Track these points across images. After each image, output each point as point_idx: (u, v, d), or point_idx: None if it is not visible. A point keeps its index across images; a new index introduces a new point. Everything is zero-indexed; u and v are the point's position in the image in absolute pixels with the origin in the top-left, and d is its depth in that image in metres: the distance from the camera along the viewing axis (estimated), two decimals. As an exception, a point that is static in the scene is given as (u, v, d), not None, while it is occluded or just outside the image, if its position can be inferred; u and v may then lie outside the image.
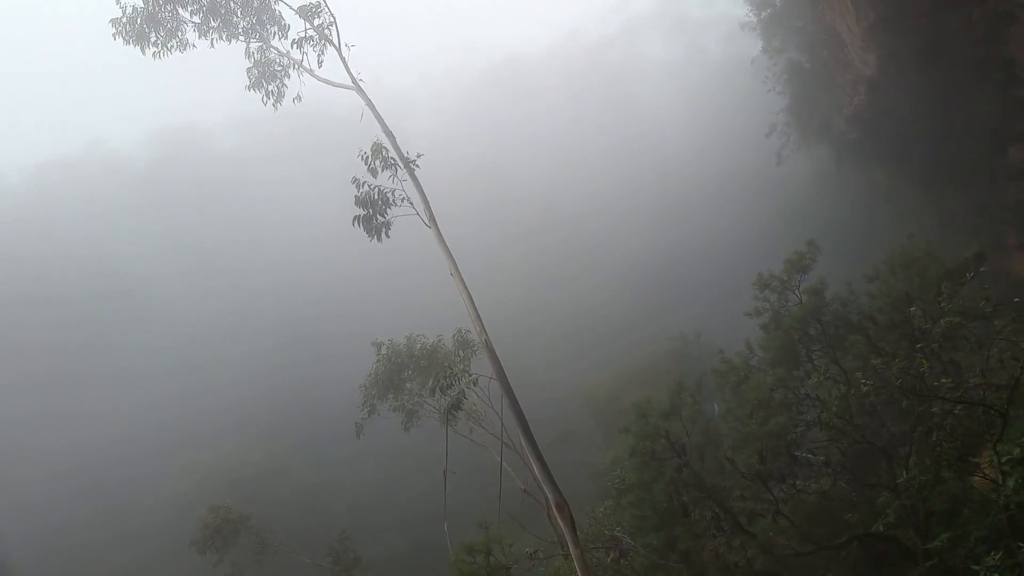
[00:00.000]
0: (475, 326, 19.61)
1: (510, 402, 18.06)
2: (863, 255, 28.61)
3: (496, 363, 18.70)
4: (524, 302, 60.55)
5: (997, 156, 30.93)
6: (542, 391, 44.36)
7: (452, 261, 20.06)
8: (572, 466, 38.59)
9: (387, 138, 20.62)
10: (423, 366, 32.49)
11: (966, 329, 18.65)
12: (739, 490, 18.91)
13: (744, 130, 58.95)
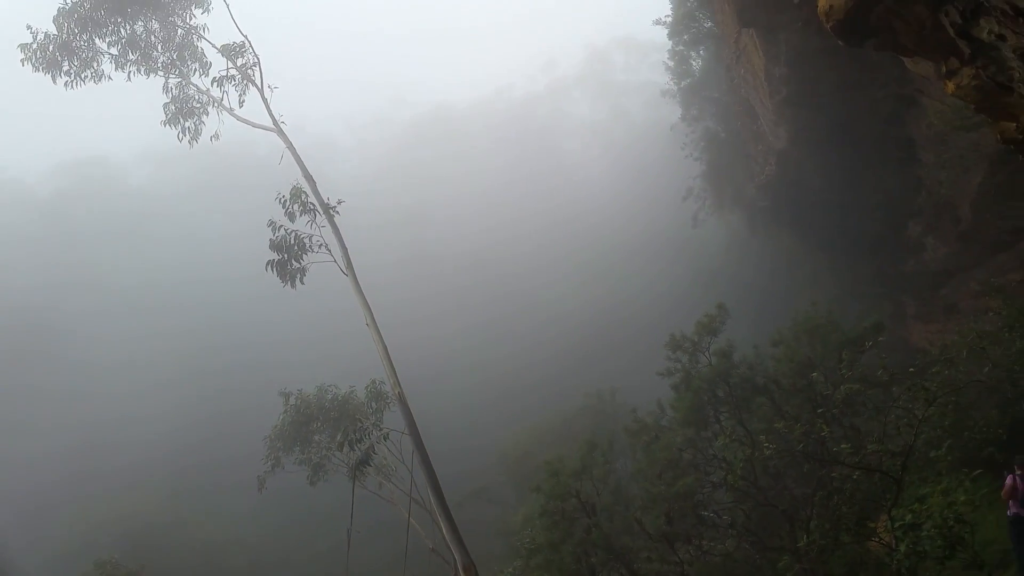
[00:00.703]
0: (389, 378, 19.40)
1: (421, 458, 17.80)
2: (771, 318, 29.60)
3: (409, 417, 18.47)
4: (442, 355, 60.19)
5: (897, 230, 32.51)
6: (456, 446, 43.89)
7: (368, 311, 19.88)
8: (483, 524, 38.05)
9: (307, 182, 20.51)
10: (333, 418, 31.80)
11: (865, 396, 19.34)
12: (646, 551, 18.94)
13: (663, 192, 60.71)
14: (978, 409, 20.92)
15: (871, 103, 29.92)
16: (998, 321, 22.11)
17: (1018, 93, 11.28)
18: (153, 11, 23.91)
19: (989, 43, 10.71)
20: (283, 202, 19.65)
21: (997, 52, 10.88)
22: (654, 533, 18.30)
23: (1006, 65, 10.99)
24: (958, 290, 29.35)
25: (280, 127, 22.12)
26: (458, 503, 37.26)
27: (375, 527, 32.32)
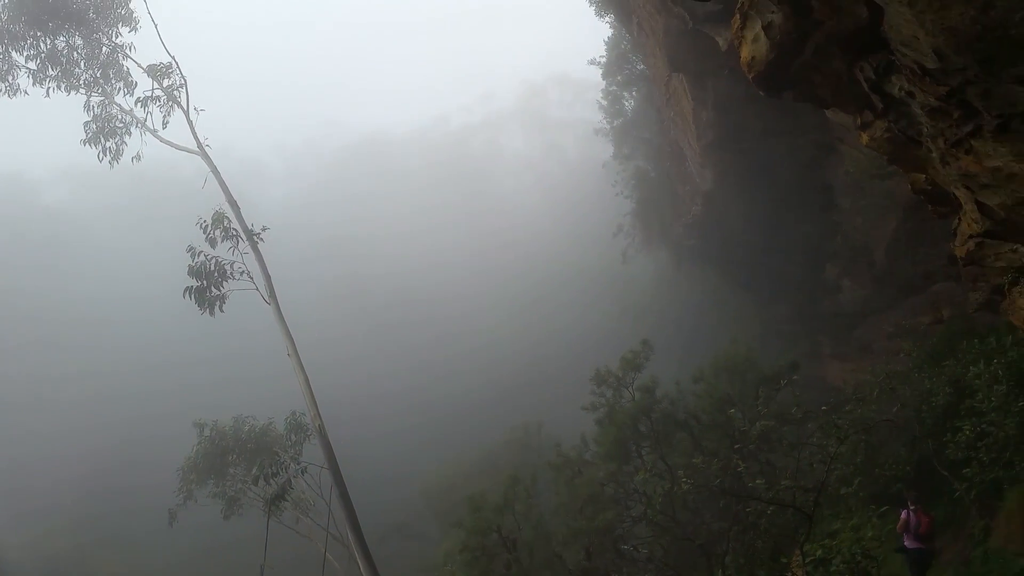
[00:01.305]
0: (309, 410, 18.96)
1: (340, 492, 17.43)
2: (697, 354, 30.19)
3: (328, 451, 18.09)
4: (367, 387, 59.37)
5: (816, 271, 33.67)
6: (379, 479, 43.19)
7: (290, 340, 19.47)
8: (405, 559, 37.44)
9: (231, 207, 20.09)
10: (250, 450, 30.90)
11: (780, 432, 19.82)
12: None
13: (594, 228, 61.70)
14: (888, 447, 21.64)
15: (793, 149, 31.10)
16: (908, 362, 23.01)
17: (926, 147, 11.88)
18: (76, 27, 23.17)
19: (900, 98, 11.28)
20: (204, 227, 19.18)
21: (907, 107, 11.46)
22: (574, 568, 18.29)
23: (915, 120, 11.58)
24: (872, 331, 30.46)
25: (205, 150, 21.63)
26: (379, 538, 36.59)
27: (291, 563, 31.34)
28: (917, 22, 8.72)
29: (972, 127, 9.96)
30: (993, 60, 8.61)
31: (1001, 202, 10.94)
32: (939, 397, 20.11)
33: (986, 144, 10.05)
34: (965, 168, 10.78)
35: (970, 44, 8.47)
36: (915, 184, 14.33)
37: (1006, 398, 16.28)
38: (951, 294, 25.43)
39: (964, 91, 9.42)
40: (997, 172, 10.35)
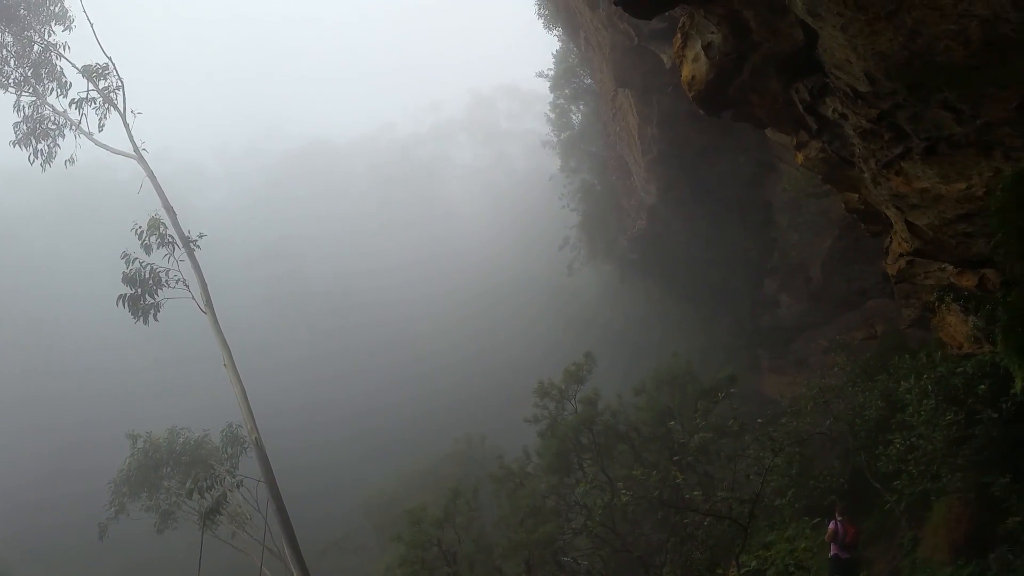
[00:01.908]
0: (246, 422, 18.59)
1: (277, 506, 17.13)
2: (640, 366, 30.49)
3: (265, 464, 17.77)
4: (308, 397, 58.45)
5: (755, 286, 34.33)
6: (319, 493, 42.54)
7: (227, 351, 19.08)
8: (345, 574, 36.86)
9: (167, 213, 19.63)
10: (185, 462, 30.11)
11: (718, 444, 20.10)
12: (506, 599, 18.88)
13: (541, 240, 61.96)
14: (822, 459, 22.12)
15: (735, 166, 31.71)
16: (842, 376, 23.56)
17: (859, 168, 12.23)
18: (6, 23, 22.34)
19: (833, 120, 11.59)
20: (140, 233, 18.70)
21: (840, 129, 11.78)
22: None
23: (848, 141, 11.90)
24: (808, 345, 31.14)
25: (141, 154, 21.06)
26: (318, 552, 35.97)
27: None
28: (849, 46, 8.99)
29: (902, 149, 10.29)
30: (921, 85, 8.92)
31: (929, 222, 11.32)
32: (871, 411, 20.62)
33: (915, 166, 10.39)
34: (895, 189, 11.13)
35: (899, 69, 8.76)
36: (848, 203, 14.75)
37: (934, 412, 16.75)
38: (885, 310, 26.17)
39: (894, 114, 9.74)
40: (925, 193, 10.72)
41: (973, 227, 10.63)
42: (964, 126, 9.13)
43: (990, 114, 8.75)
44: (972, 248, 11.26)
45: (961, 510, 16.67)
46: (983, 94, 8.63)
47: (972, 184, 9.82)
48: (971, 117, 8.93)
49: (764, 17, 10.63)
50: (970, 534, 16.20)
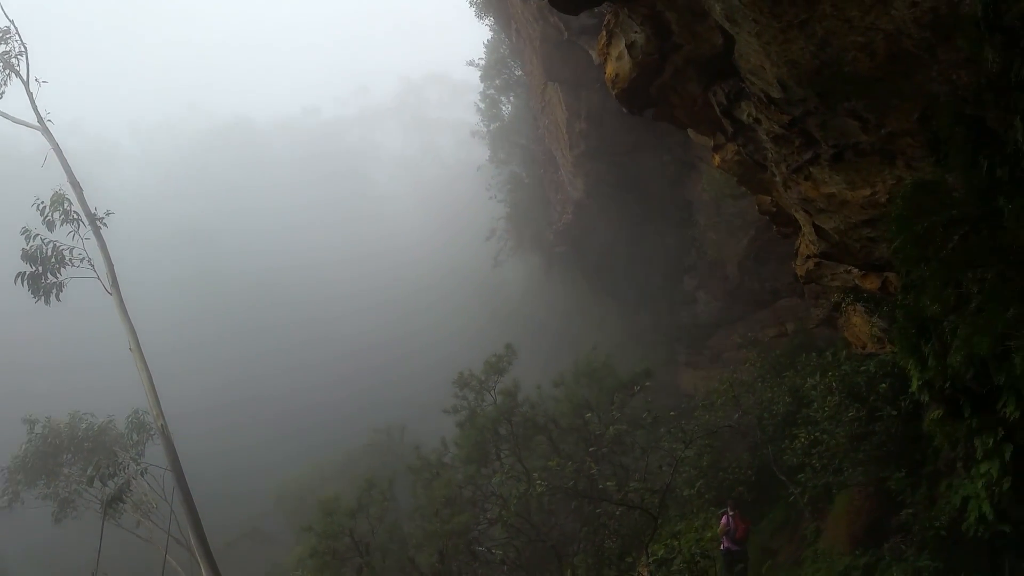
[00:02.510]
0: (152, 408, 17.97)
1: (183, 495, 16.65)
2: (560, 360, 30.81)
3: (172, 451, 17.25)
4: (222, 388, 56.93)
5: (675, 283, 35.08)
6: (231, 484, 41.58)
7: (133, 334, 18.36)
8: (257, 565, 36.24)
9: (73, 188, 18.75)
10: (87, 449, 28.95)
11: (633, 436, 20.50)
12: (418, 589, 18.87)
13: (468, 231, 61.72)
14: (732, 451, 22.80)
15: (659, 165, 32.30)
16: (753, 372, 24.36)
17: (771, 171, 12.61)
18: None
19: (748, 124, 11.92)
20: (42, 209, 17.85)
21: (754, 133, 12.13)
22: (426, 571, 18.24)
23: (761, 145, 12.26)
24: (723, 341, 32.03)
25: (46, 125, 19.94)
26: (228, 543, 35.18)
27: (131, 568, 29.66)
28: (764, 52, 9.25)
29: (811, 155, 10.67)
30: (830, 93, 9.25)
31: (835, 226, 11.76)
32: (779, 406, 21.39)
33: (823, 172, 10.78)
34: (804, 193, 11.52)
35: (810, 77, 9.07)
36: (762, 205, 15.22)
37: (838, 409, 17.48)
38: (795, 309, 27.14)
39: (805, 121, 10.08)
40: (832, 198, 11.13)
41: (876, 232, 11.10)
42: (870, 135, 9.52)
43: (894, 124, 9.14)
44: (875, 252, 11.75)
45: (860, 503, 17.44)
46: (887, 105, 9.01)
47: (876, 191, 10.26)
48: (876, 126, 9.31)
49: (685, 20, 10.86)
50: (868, 526, 16.97)
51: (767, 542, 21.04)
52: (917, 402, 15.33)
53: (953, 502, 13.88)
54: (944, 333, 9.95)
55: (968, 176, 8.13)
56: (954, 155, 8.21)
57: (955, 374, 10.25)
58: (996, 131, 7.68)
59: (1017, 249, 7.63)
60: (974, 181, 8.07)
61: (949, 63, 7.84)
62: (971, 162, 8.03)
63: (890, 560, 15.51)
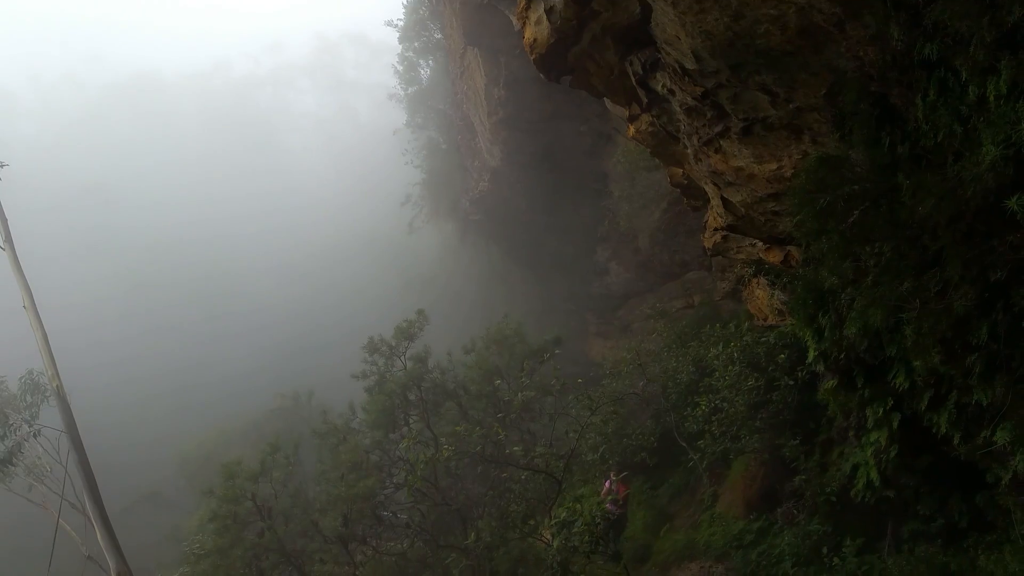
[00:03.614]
0: (47, 369, 17.11)
1: (79, 458, 15.96)
2: (473, 328, 30.80)
3: (67, 413, 16.48)
4: (122, 349, 54.84)
5: (588, 254, 35.49)
6: (130, 446, 40.29)
7: (28, 292, 17.40)
8: (157, 529, 35.24)
9: (-42, 138, 17.54)
10: (-23, 411, 27.58)
11: (542, 403, 20.73)
12: (321, 554, 18.68)
13: (383, 196, 60.86)
14: (636, 419, 23.35)
15: (577, 135, 32.47)
16: (660, 342, 24.95)
17: (683, 143, 12.78)
18: None
19: (663, 95, 12.02)
20: (-78, 165, 16.65)
21: (668, 104, 12.24)
22: (330, 535, 18.09)
23: (675, 117, 12.39)
24: (632, 312, 32.68)
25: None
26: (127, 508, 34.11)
27: (22, 532, 28.50)
28: (679, 23, 9.29)
29: (721, 128, 10.84)
30: (742, 66, 9.38)
31: (742, 199, 12.04)
32: (683, 375, 21.97)
33: (732, 145, 10.98)
34: (714, 166, 11.73)
35: (723, 49, 9.16)
36: (673, 178, 15.46)
37: (738, 378, 18.05)
38: (702, 282, 27.87)
39: (716, 93, 10.21)
40: (740, 172, 11.36)
41: (781, 206, 11.41)
42: (778, 109, 9.72)
43: (802, 99, 9.35)
44: (779, 226, 12.09)
45: (756, 469, 18.15)
46: (796, 79, 9.20)
47: (782, 165, 10.51)
48: (785, 101, 9.51)
49: (604, -15, 10.82)
50: (762, 491, 17.69)
51: (666, 506, 21.73)
52: (813, 373, 16.01)
53: (844, 469, 14.63)
54: (841, 305, 10.36)
55: (870, 152, 8.40)
56: (858, 131, 8.47)
57: (850, 345, 10.72)
58: (899, 108, 7.95)
59: (914, 224, 7.93)
60: (876, 157, 8.35)
61: (857, 39, 8.04)
62: (874, 138, 8.30)
63: (782, 524, 16.22)
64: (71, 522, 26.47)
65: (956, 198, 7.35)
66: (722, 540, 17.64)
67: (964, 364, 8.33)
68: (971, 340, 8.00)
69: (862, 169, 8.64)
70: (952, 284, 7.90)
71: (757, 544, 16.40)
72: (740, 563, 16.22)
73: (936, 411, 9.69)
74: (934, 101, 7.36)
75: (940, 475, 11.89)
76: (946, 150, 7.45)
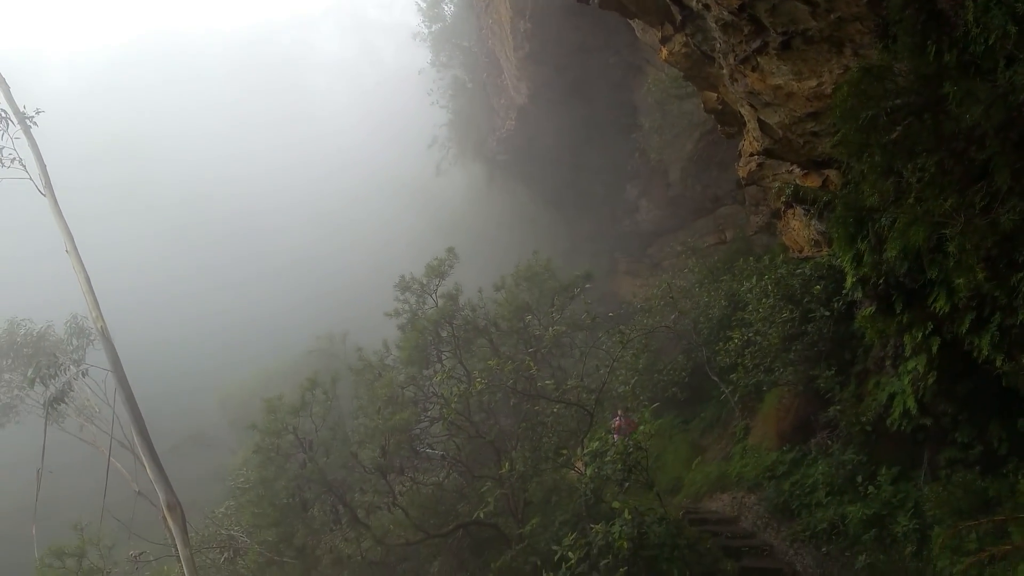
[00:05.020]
0: (91, 311, 17.30)
1: (125, 395, 16.23)
2: (501, 268, 30.74)
3: (112, 353, 16.72)
4: (160, 295, 55.79)
5: (617, 191, 35.13)
6: (173, 388, 41.27)
7: (69, 236, 17.51)
8: (201, 468, 36.34)
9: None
10: (27, 355, 28.64)
11: (572, 338, 20.75)
12: (361, 484, 19.07)
13: (409, 138, 60.18)
14: (668, 354, 23.39)
15: (605, 68, 31.78)
16: (691, 278, 24.81)
17: (718, 64, 12.41)
18: None
19: (697, 11, 11.63)
20: (-34, 108, 16.69)
21: (703, 21, 11.86)
22: (369, 466, 18.43)
23: (709, 35, 12.01)
24: (663, 249, 32.45)
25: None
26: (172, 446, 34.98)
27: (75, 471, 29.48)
28: (716, -71, 8.94)
29: (759, 43, 10.48)
30: (780, -25, 9.02)
31: (780, 121, 11.71)
32: (715, 309, 21.90)
33: (770, 62, 10.63)
34: (751, 86, 11.40)
35: (761, -43, 8.81)
36: (707, 103, 15.08)
37: (772, 311, 17.93)
38: (735, 217, 27.53)
39: (754, 6, 9.85)
40: (778, 90, 11.03)
41: (820, 126, 11.09)
42: (819, 20, 9.36)
43: (843, 8, 8.99)
44: (818, 148, 11.78)
45: (790, 401, 18.11)
46: (838, -12, 8.84)
47: (822, 81, 10.18)
48: (826, 11, 9.15)
49: None
50: (796, 423, 17.67)
51: (697, 440, 21.89)
52: (850, 302, 15.84)
53: (879, 398, 14.54)
54: (881, 227, 10.11)
55: (915, 62, 8.08)
56: (903, 39, 8.13)
57: (889, 269, 10.48)
58: (946, 13, 7.60)
59: (960, 136, 7.66)
60: (921, 67, 8.02)
61: (903, -60, 7.68)
62: (919, 47, 7.97)
63: (816, 454, 16.23)
64: (121, 460, 27.32)
65: (1007, 104, 7.07)
66: (754, 471, 17.73)
67: (1009, 283, 8.11)
68: (1017, 257, 7.78)
69: (906, 80, 8.32)
70: (999, 197, 7.65)
71: (790, 474, 16.46)
72: (773, 493, 16.31)
73: (978, 334, 9.42)
74: (986, 1, 7.01)
75: (979, 401, 11.76)
76: (997, 54, 7.13)
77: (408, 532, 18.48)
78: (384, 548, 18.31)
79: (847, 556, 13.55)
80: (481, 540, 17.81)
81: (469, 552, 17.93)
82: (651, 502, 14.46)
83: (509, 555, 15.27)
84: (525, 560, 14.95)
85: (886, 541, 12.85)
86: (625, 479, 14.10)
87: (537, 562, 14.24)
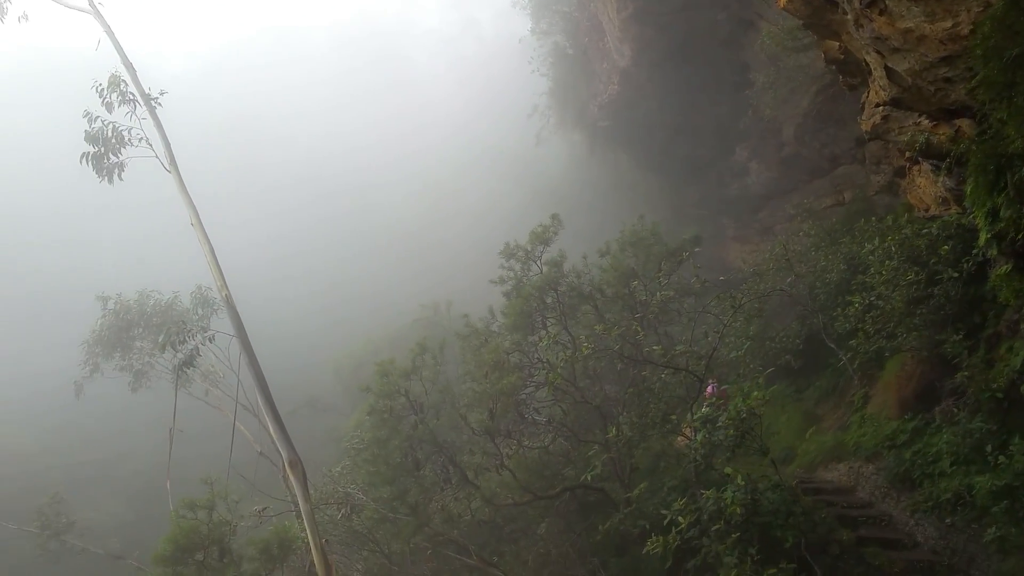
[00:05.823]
0: (216, 280, 18.12)
1: (249, 360, 16.96)
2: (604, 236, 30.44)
3: (236, 319, 17.48)
4: (275, 267, 58.22)
5: (725, 154, 34.01)
6: (289, 357, 43.03)
7: (193, 209, 18.36)
8: (316, 431, 37.95)
9: (127, 70, 18.51)
10: (156, 324, 30.56)
11: (679, 303, 20.30)
12: (470, 446, 19.46)
13: (509, 108, 60.07)
14: (780, 320, 22.58)
15: (712, 24, 30.69)
16: (807, 242, 23.78)
17: (842, 9, 11.73)
18: None
19: (819, -47, 10.99)
20: (100, 91, 17.68)
21: (824, -35, 11.20)
22: (477, 428, 18.74)
23: (832, -21, 11.34)
24: (774, 214, 31.30)
25: (97, 8, 19.47)
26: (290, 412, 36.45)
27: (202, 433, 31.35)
28: None
29: (888, -17, 9.82)
30: (915, -94, 8.38)
31: (909, 67, 10.96)
32: (833, 274, 20.94)
33: (900, 3, 9.95)
34: (878, 30, 10.70)
35: None
36: (828, 52, 14.31)
37: (896, 273, 16.95)
38: (854, 177, 26.18)
39: (884, -58, 9.22)
40: (908, 34, 10.32)
41: (954, 71, 10.33)
42: (956, -47, 8.68)
43: (985, -62, 8.30)
44: (951, 95, 10.99)
45: (913, 367, 17.21)
46: (980, -83, 8.15)
47: (958, 21, 9.44)
48: (965, -58, 8.47)
49: None
50: (919, 390, 16.81)
51: (812, 409, 21.14)
52: (981, 263, 14.85)
53: (1013, 364, 13.64)
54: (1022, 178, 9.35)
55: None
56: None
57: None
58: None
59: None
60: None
61: None
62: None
63: (940, 423, 15.40)
64: (245, 423, 28.86)
65: None
66: (873, 441, 17.05)
67: None
68: None
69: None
70: None
71: (912, 443, 15.72)
72: (893, 463, 15.66)
73: None
74: None
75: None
76: None
77: (515, 494, 18.74)
78: (492, 508, 18.63)
79: (974, 528, 12.92)
80: (587, 504, 17.88)
81: (576, 515, 18.05)
82: (764, 469, 14.09)
83: (617, 518, 15.25)
84: (633, 524, 14.90)
85: (1019, 514, 12.11)
86: (737, 445, 13.75)
87: (645, 526, 14.16)
